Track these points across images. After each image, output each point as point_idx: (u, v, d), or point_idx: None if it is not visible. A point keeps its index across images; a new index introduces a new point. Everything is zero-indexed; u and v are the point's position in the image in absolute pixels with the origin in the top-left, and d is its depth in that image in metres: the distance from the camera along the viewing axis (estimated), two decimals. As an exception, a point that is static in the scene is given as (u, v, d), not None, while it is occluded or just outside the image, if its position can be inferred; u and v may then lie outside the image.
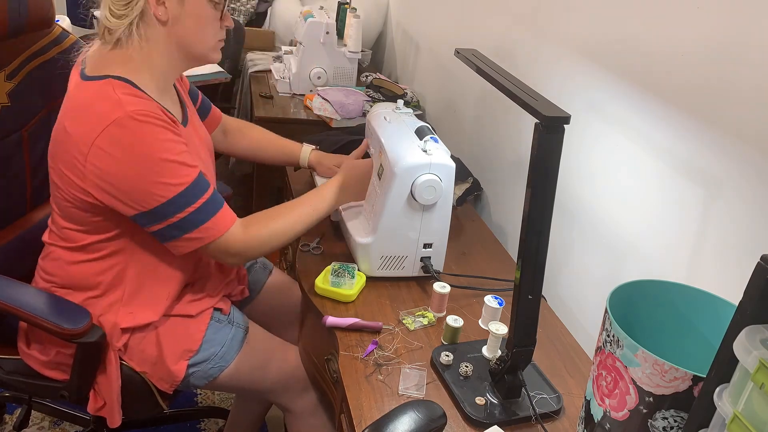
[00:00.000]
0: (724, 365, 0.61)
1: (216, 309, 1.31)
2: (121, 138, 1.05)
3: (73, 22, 3.08)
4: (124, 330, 1.21)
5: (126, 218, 1.14)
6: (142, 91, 1.11)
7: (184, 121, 1.26)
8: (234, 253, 1.18)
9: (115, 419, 1.23)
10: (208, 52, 1.20)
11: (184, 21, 1.14)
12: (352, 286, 1.25)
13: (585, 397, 0.91)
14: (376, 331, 1.18)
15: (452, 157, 1.29)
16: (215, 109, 1.54)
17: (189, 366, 1.25)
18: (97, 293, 1.21)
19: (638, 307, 0.90)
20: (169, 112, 1.15)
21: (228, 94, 2.90)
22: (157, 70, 1.16)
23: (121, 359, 1.23)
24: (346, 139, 1.75)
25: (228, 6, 1.20)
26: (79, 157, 1.07)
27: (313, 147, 1.58)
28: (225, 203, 1.17)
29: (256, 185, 2.31)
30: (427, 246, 1.31)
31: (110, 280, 1.20)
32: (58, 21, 1.49)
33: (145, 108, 1.08)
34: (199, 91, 1.48)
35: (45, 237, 1.26)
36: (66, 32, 1.47)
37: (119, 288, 1.21)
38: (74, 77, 1.16)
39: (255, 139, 1.60)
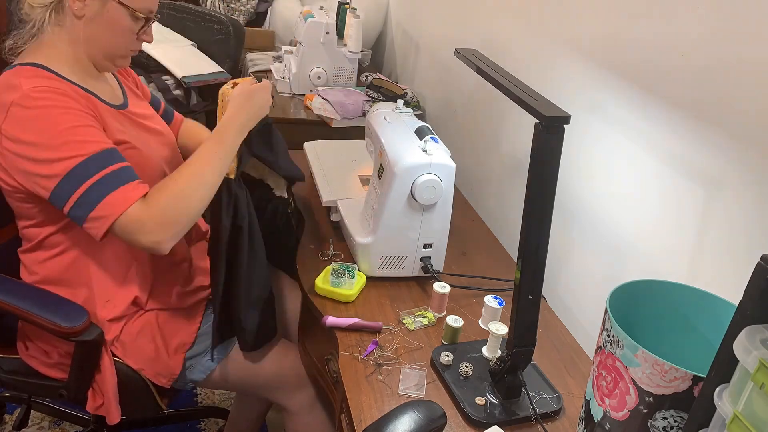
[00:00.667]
0: (724, 365, 0.61)
1: (210, 300, 1.31)
2: (23, 117, 1.05)
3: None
4: (111, 321, 1.21)
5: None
6: (55, 72, 1.11)
7: (121, 105, 1.23)
8: (138, 230, 1.06)
9: (114, 416, 1.23)
10: (113, 58, 1.19)
11: (99, 23, 1.13)
12: (352, 286, 1.25)
13: (585, 397, 0.91)
14: (376, 331, 1.18)
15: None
16: (177, 116, 1.51)
17: (186, 359, 1.25)
18: (69, 290, 1.21)
19: (638, 307, 0.90)
20: (94, 93, 1.14)
21: (228, 94, 2.90)
22: (71, 57, 1.15)
23: (117, 357, 1.23)
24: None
25: (149, 24, 1.18)
26: None
27: None
28: (135, 181, 1.08)
29: (256, 185, 2.30)
30: (427, 246, 1.31)
31: (74, 276, 1.20)
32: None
33: (45, 84, 1.07)
34: (161, 101, 1.46)
35: (19, 249, 1.25)
36: None
37: (85, 283, 1.21)
38: None
39: (191, 138, 1.52)
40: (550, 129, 0.87)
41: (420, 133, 1.32)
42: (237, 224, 1.21)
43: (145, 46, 1.95)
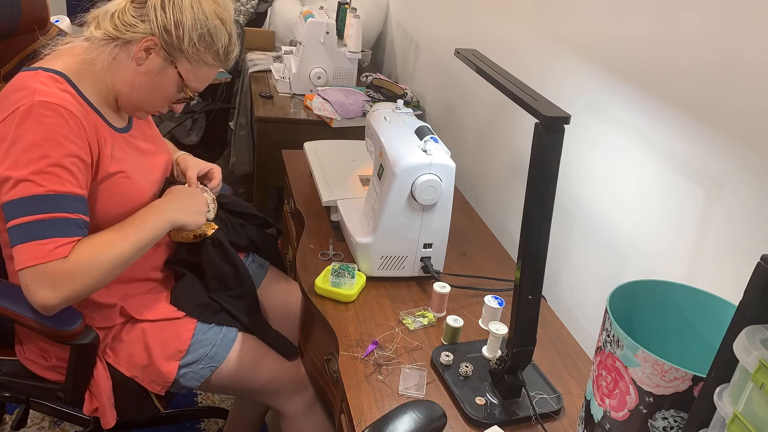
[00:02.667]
0: (724, 365, 0.61)
1: None
2: (19, 122, 1.03)
3: (74, 22, 3.08)
4: (100, 329, 1.21)
5: None
6: (75, 86, 1.11)
7: (124, 129, 1.23)
8: (50, 282, 1.04)
9: (108, 420, 1.23)
10: (138, 110, 1.21)
11: (148, 80, 1.15)
12: (352, 286, 1.25)
13: (585, 397, 0.91)
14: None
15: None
16: (169, 144, 1.48)
17: (180, 367, 1.24)
18: None
19: (638, 307, 0.90)
20: (101, 115, 1.15)
21: (228, 94, 2.90)
22: (101, 82, 1.15)
23: (109, 363, 1.23)
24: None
25: (187, 100, 1.22)
26: None
27: (181, 154, 1.48)
28: (76, 239, 1.06)
29: (256, 185, 2.31)
30: (427, 246, 1.31)
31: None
32: (57, 22, 1.49)
33: (59, 101, 1.05)
34: (157, 129, 1.44)
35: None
36: (63, 33, 1.46)
37: None
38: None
39: None
40: (550, 129, 0.87)
41: (420, 133, 1.32)
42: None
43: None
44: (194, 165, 1.43)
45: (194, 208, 1.27)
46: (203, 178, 1.44)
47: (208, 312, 1.31)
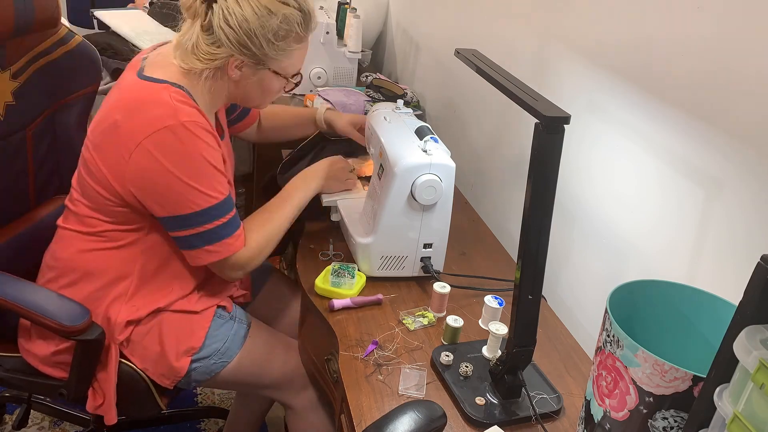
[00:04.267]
0: (724, 365, 0.61)
1: (219, 306, 1.32)
2: (171, 144, 1.09)
3: (73, 22, 3.08)
4: (129, 323, 1.22)
5: (150, 217, 1.17)
6: (195, 102, 1.15)
7: (222, 135, 1.30)
8: (240, 266, 1.23)
9: (111, 416, 1.23)
10: (258, 106, 1.35)
11: (252, 85, 1.21)
12: (352, 286, 1.26)
13: (585, 397, 0.91)
14: (378, 304, 1.24)
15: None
16: (253, 112, 1.57)
17: (192, 362, 1.25)
18: (102, 284, 1.22)
19: (638, 307, 0.90)
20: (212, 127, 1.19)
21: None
22: (211, 95, 1.21)
23: (123, 355, 1.23)
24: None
25: (296, 83, 1.28)
26: (124, 151, 1.10)
27: (328, 106, 1.61)
28: (241, 227, 1.22)
29: (256, 185, 2.31)
30: (427, 246, 1.31)
31: (118, 273, 1.22)
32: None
33: (197, 119, 1.12)
34: (238, 107, 1.52)
35: (60, 221, 1.27)
36: (72, 33, 1.47)
37: (125, 281, 1.22)
38: (129, 74, 1.19)
39: (273, 116, 1.63)
40: (550, 129, 0.87)
41: (420, 133, 1.32)
42: None
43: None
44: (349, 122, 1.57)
45: (339, 178, 1.43)
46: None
47: None
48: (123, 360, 1.24)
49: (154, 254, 1.23)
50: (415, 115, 1.50)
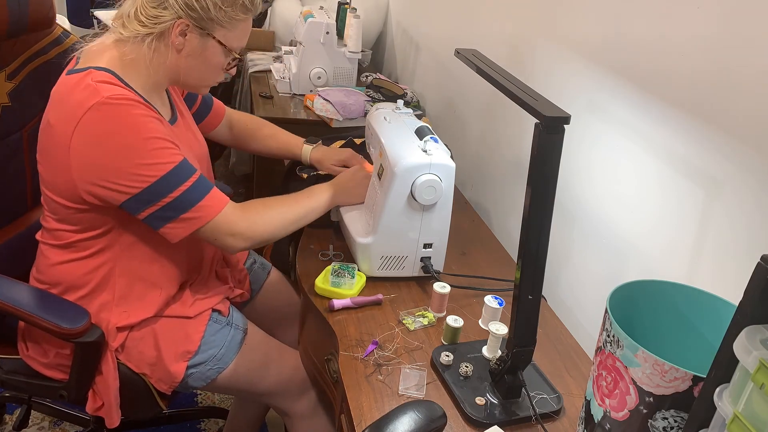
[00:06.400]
0: (724, 365, 0.61)
1: (215, 310, 1.31)
2: (100, 123, 1.06)
3: (72, 22, 3.08)
4: (120, 329, 1.21)
5: (114, 215, 1.14)
6: (125, 83, 1.12)
7: (172, 120, 1.26)
8: (235, 232, 1.17)
9: (113, 419, 1.23)
10: (199, 88, 1.27)
11: (195, 57, 1.17)
12: (352, 286, 1.25)
13: (585, 397, 0.91)
14: (378, 304, 1.24)
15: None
16: (217, 104, 1.54)
17: (188, 367, 1.25)
18: (86, 292, 1.21)
19: (638, 307, 0.90)
20: (153, 107, 1.15)
21: (228, 94, 2.90)
22: (148, 77, 1.17)
23: (119, 360, 1.23)
24: (347, 136, 1.75)
25: (237, 61, 1.24)
26: (63, 148, 1.08)
27: (313, 146, 1.58)
28: (215, 187, 1.17)
29: (256, 185, 2.31)
30: (427, 246, 1.31)
31: (98, 280, 1.20)
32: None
33: (122, 92, 1.08)
34: (210, 96, 1.49)
35: (38, 235, 1.26)
36: (67, 33, 1.47)
37: (108, 287, 1.21)
38: (61, 75, 1.17)
39: (260, 133, 1.60)
40: (551, 129, 0.87)
41: (420, 133, 1.32)
42: None
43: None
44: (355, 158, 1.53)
45: (356, 191, 1.40)
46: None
47: None
48: (120, 362, 1.24)
49: (130, 257, 1.21)
50: (415, 115, 1.50)
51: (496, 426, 0.99)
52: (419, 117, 1.82)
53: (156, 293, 1.24)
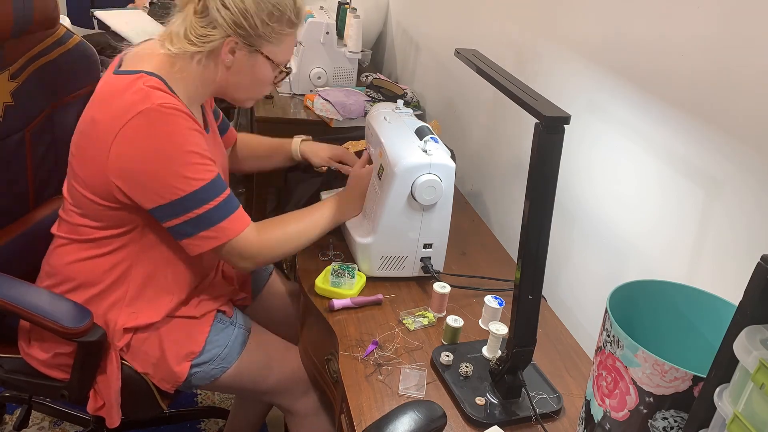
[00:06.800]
0: (724, 365, 0.61)
1: (219, 311, 1.32)
2: (147, 128, 1.07)
3: (74, 22, 3.08)
4: (126, 330, 1.22)
5: (141, 215, 1.15)
6: (172, 91, 1.13)
7: (205, 130, 1.28)
8: (247, 256, 1.19)
9: (114, 419, 1.23)
10: (246, 101, 1.29)
11: (244, 74, 1.20)
12: (352, 286, 1.26)
13: (585, 397, 0.91)
14: (378, 304, 1.24)
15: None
16: (232, 129, 1.54)
17: (192, 367, 1.25)
18: (98, 290, 1.21)
19: (638, 307, 0.90)
20: (193, 117, 1.16)
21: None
22: (195, 90, 1.19)
23: (122, 359, 1.23)
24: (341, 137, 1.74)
25: (286, 74, 1.26)
26: (104, 145, 1.09)
27: (303, 138, 1.57)
28: (240, 206, 1.18)
29: (256, 185, 2.31)
30: (427, 246, 1.31)
31: (114, 278, 1.21)
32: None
33: (172, 102, 1.10)
34: (220, 111, 1.49)
35: (54, 229, 1.26)
36: (70, 33, 1.47)
37: (122, 287, 1.21)
38: (107, 73, 1.18)
39: (247, 147, 1.59)
40: (551, 129, 0.87)
41: (420, 133, 1.32)
42: None
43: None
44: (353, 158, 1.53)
45: (361, 201, 1.38)
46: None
47: None
48: (124, 362, 1.24)
49: (148, 259, 1.22)
50: (415, 115, 1.50)
51: (496, 426, 0.99)
52: (419, 117, 1.82)
53: (167, 298, 1.25)
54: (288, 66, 1.27)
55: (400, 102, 1.47)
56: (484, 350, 1.14)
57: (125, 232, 1.19)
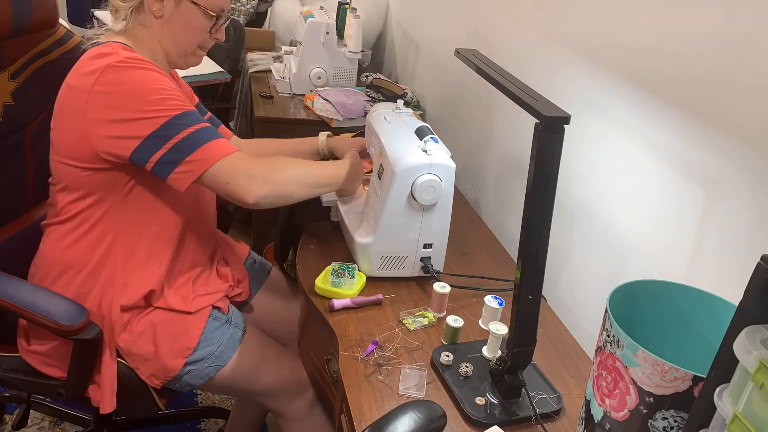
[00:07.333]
0: (724, 365, 0.61)
1: (215, 307, 1.31)
2: (117, 76, 1.13)
3: (73, 22, 3.08)
4: (124, 310, 1.22)
5: (121, 173, 1.17)
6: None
7: None
8: (252, 174, 1.15)
9: (106, 405, 1.22)
10: (186, 55, 1.28)
11: (175, 22, 1.22)
12: (352, 286, 1.26)
13: (585, 397, 0.91)
14: (378, 304, 1.24)
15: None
16: (224, 127, 1.53)
17: (186, 364, 1.25)
18: (88, 272, 1.22)
19: (638, 307, 0.90)
20: None
21: (228, 94, 2.90)
22: (152, 53, 1.24)
23: (120, 354, 1.23)
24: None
25: (224, 22, 1.27)
26: (80, 103, 1.13)
27: (328, 133, 1.58)
28: (226, 138, 1.19)
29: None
30: (427, 246, 1.31)
31: (99, 255, 1.22)
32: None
33: (139, 56, 1.17)
34: (208, 111, 1.49)
35: (43, 223, 1.28)
36: (70, 33, 1.47)
37: (108, 263, 1.23)
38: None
39: (269, 149, 1.56)
40: (551, 129, 0.87)
41: (420, 133, 1.32)
42: None
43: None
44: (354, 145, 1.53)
45: (359, 181, 1.41)
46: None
47: None
48: (120, 359, 1.24)
49: (128, 227, 1.23)
50: (416, 115, 1.50)
51: (496, 426, 0.99)
52: (420, 117, 1.82)
53: (155, 267, 1.26)
54: (224, 11, 1.26)
55: (400, 102, 1.47)
56: (484, 350, 1.14)
57: (103, 199, 1.20)
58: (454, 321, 1.16)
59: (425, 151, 1.25)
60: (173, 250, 1.29)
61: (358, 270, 1.30)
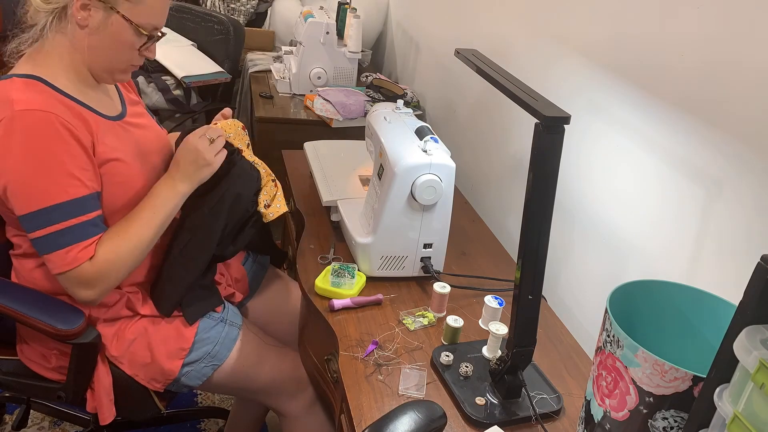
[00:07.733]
0: (724, 365, 0.61)
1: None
2: (7, 138, 1.04)
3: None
4: (107, 321, 1.21)
5: None
6: (51, 85, 1.09)
7: (119, 116, 1.21)
8: (78, 287, 1.11)
9: (105, 416, 1.22)
10: (113, 72, 1.16)
11: (102, 35, 1.10)
12: (352, 286, 1.26)
13: (585, 397, 0.91)
14: (378, 304, 1.23)
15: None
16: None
17: (183, 365, 1.24)
18: (67, 296, 1.18)
19: (638, 307, 0.90)
20: (89, 107, 1.12)
21: (228, 94, 2.90)
22: (70, 66, 1.12)
23: (111, 362, 1.23)
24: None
25: (156, 40, 1.16)
26: None
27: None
28: (89, 239, 1.10)
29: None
30: (427, 246, 1.31)
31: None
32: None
33: (37, 107, 1.04)
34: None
35: (11, 251, 1.24)
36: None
37: None
38: None
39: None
40: (550, 129, 0.87)
41: (420, 133, 1.32)
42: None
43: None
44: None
45: (198, 162, 1.21)
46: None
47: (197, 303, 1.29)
48: (114, 366, 1.24)
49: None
50: (415, 115, 1.50)
51: (496, 426, 0.99)
52: (419, 117, 1.82)
53: (130, 279, 1.23)
54: (157, 29, 1.15)
55: (400, 102, 1.47)
56: (484, 350, 1.14)
57: None
58: (454, 321, 1.16)
59: (425, 151, 1.25)
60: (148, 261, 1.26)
61: (358, 270, 1.30)
